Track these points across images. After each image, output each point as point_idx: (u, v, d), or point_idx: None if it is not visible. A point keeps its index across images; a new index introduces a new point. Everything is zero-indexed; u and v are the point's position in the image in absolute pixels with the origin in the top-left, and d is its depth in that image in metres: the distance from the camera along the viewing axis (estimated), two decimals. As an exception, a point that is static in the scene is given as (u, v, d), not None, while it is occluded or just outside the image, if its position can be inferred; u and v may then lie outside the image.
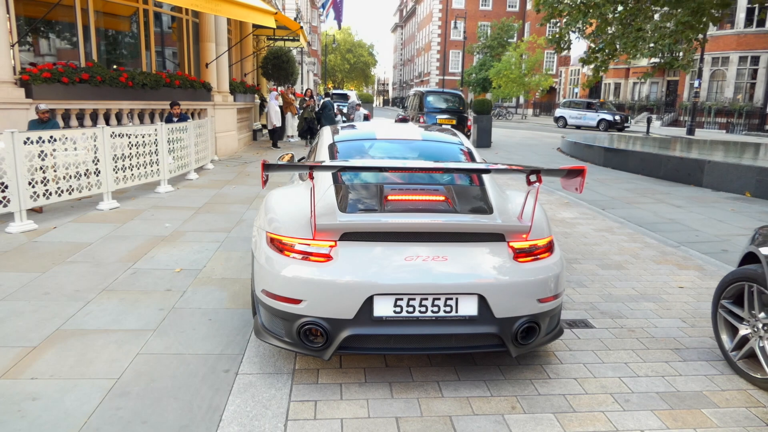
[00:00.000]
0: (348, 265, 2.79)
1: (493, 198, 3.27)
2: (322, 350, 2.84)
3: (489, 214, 3.08)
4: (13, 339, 3.32)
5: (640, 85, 38.27)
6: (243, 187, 8.93)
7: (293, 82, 18.25)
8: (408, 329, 2.81)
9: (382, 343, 2.86)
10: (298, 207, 3.13)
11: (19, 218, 5.72)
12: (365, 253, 2.84)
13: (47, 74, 8.01)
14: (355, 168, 3.21)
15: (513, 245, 2.99)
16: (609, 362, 3.36)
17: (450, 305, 2.82)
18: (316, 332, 2.84)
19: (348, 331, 2.77)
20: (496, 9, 55.74)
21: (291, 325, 2.84)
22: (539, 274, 2.96)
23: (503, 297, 2.86)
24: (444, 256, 2.86)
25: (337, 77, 77.26)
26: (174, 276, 4.55)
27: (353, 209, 3.04)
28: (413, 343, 2.88)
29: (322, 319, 2.77)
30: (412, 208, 3.09)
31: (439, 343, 2.89)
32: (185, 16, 12.21)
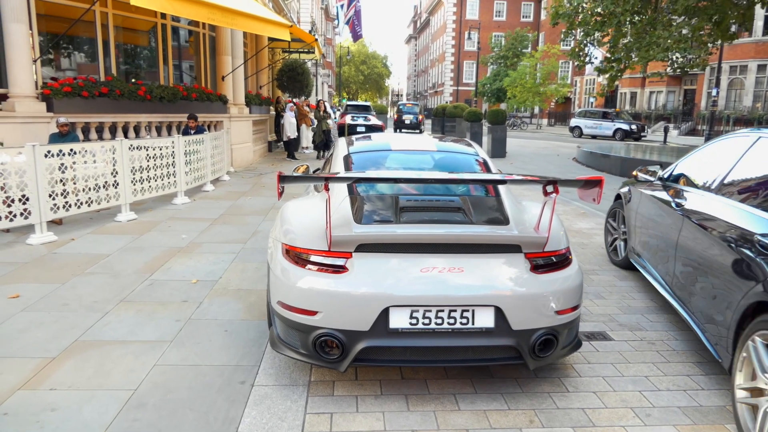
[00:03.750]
0: (364, 277, 2.78)
1: (510, 209, 3.25)
2: (337, 362, 2.83)
3: (505, 225, 3.06)
4: (32, 350, 3.36)
5: (656, 94, 37.93)
6: (259, 198, 9.00)
7: (308, 94, 18.41)
8: (424, 341, 2.79)
9: (398, 355, 2.85)
10: (313, 218, 3.14)
11: (40, 230, 5.82)
12: (381, 265, 2.83)
13: (68, 88, 8.18)
14: (370, 179, 3.20)
15: (530, 256, 2.96)
16: (629, 375, 3.30)
17: (466, 317, 2.79)
18: (331, 344, 2.82)
19: (364, 343, 2.76)
20: (510, 19, 55.82)
21: (307, 336, 2.84)
22: (557, 286, 2.92)
23: (520, 309, 2.82)
24: (460, 267, 2.84)
25: (351, 88, 77.79)
26: (190, 287, 4.58)
27: (368, 220, 3.03)
28: (429, 356, 2.86)
29: (337, 331, 2.76)
30: (427, 219, 3.08)
31: (456, 355, 2.87)
32: (202, 30, 12.41)
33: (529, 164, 16.15)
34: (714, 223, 3.39)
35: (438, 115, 29.70)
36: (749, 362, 2.63)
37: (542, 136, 32.03)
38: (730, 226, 3.18)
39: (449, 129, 26.95)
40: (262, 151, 15.76)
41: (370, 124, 22.03)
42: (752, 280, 2.73)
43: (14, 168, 5.59)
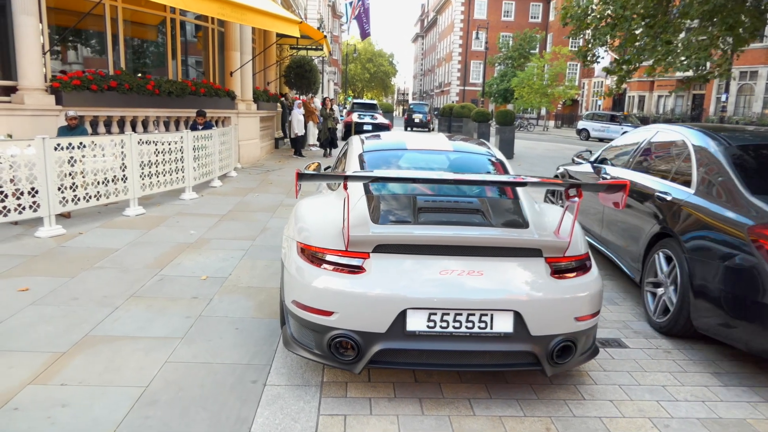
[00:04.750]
0: (381, 278, 2.74)
1: (528, 212, 3.20)
2: (352, 364, 2.79)
3: (525, 228, 3.00)
4: (43, 344, 3.32)
5: (665, 98, 37.75)
6: (266, 195, 8.96)
7: (315, 91, 18.36)
8: (441, 345, 2.75)
9: (414, 359, 2.81)
10: (328, 217, 3.10)
11: (48, 223, 5.79)
12: (399, 266, 2.79)
13: (77, 82, 8.15)
14: (391, 179, 3.15)
15: (550, 261, 2.91)
16: (645, 384, 3.25)
17: (485, 321, 2.75)
18: (346, 345, 2.78)
19: (380, 345, 2.72)
20: (518, 20, 55.62)
21: (321, 337, 2.79)
22: (577, 292, 2.87)
23: (540, 314, 2.78)
24: (479, 270, 2.79)
25: (357, 86, 77.72)
26: (200, 284, 4.55)
27: (386, 221, 2.98)
28: (446, 359, 2.81)
29: (353, 332, 2.72)
30: (445, 221, 3.03)
31: (473, 359, 2.82)
32: (211, 25, 12.38)
33: (537, 166, 16.07)
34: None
35: (445, 114, 29.63)
36: (653, 268, 4.28)
37: (549, 138, 31.92)
38: (638, 189, 4.71)
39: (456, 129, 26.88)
40: (269, 147, 15.73)
41: (377, 122, 21.97)
42: (654, 220, 4.36)
43: (24, 160, 5.57)
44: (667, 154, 4.85)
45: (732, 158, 3.97)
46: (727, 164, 3.92)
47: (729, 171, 3.86)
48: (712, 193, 3.91)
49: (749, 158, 4.07)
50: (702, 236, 3.74)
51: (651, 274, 4.29)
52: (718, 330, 3.52)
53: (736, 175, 3.79)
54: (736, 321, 3.37)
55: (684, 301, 3.74)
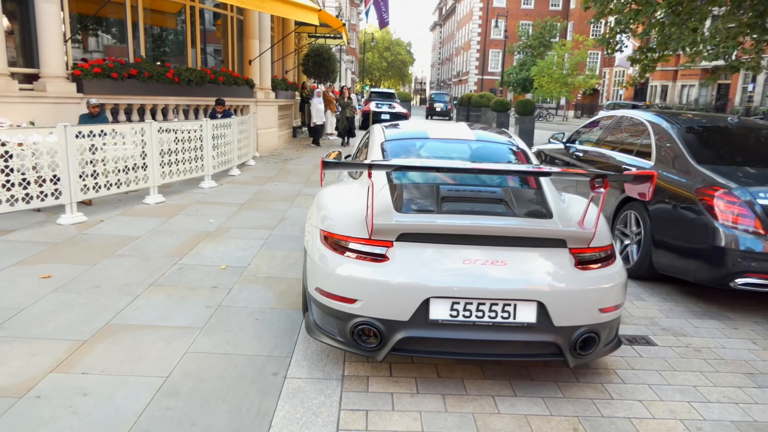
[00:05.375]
0: (405, 267, 2.74)
1: (552, 202, 3.17)
2: (375, 351, 2.80)
3: (549, 218, 2.98)
4: (65, 332, 3.33)
5: (688, 88, 36.89)
6: (284, 184, 8.94)
7: (333, 79, 18.26)
8: (464, 334, 2.76)
9: (436, 347, 2.81)
10: (351, 205, 3.12)
11: (70, 210, 5.82)
12: (422, 255, 2.79)
13: (98, 69, 8.18)
14: (417, 168, 3.12)
15: (575, 252, 2.88)
16: (676, 384, 3.14)
17: (508, 311, 2.74)
18: (369, 332, 2.79)
19: (403, 333, 2.73)
20: (538, 8, 54.68)
21: (345, 324, 2.81)
22: (601, 283, 2.85)
23: (563, 305, 2.76)
24: (503, 260, 2.78)
25: (374, 75, 77.36)
26: (220, 273, 4.53)
27: (409, 209, 2.97)
28: (468, 348, 2.82)
29: (376, 320, 2.73)
30: (468, 210, 3.00)
31: (495, 349, 2.84)
32: (230, 13, 12.33)
33: (556, 157, 15.83)
34: (595, 161, 6.07)
35: (463, 104, 29.35)
36: (624, 220, 5.04)
37: (569, 128, 31.43)
38: (606, 162, 5.72)
39: (474, 118, 26.63)
40: (287, 136, 15.72)
41: (395, 111, 21.79)
42: (619, 189, 5.10)
43: (45, 148, 5.59)
44: (630, 134, 5.77)
45: (683, 136, 4.96)
46: (679, 141, 4.90)
47: (680, 146, 4.84)
48: (668, 164, 4.88)
49: (696, 136, 5.05)
50: (660, 198, 4.63)
51: (621, 223, 5.17)
52: (673, 268, 4.47)
53: (686, 150, 4.77)
54: (687, 260, 4.38)
55: (647, 249, 4.67)
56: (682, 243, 4.38)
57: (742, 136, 5.26)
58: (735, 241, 4.02)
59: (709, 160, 4.62)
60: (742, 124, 5.38)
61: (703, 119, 5.56)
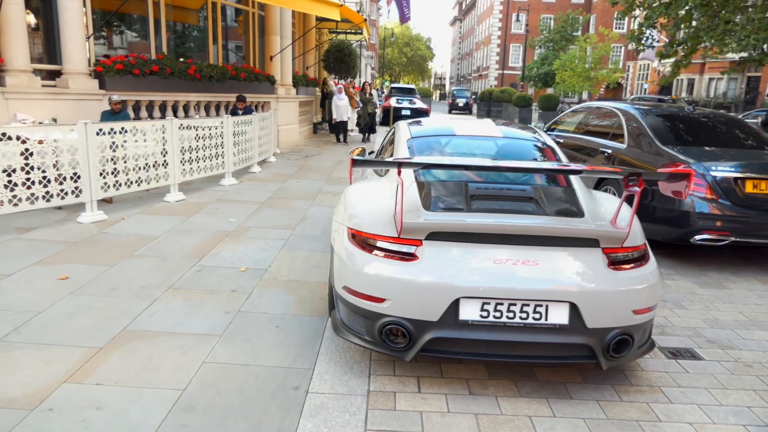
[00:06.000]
0: (435, 266, 2.69)
1: (583, 200, 3.09)
2: (403, 351, 2.75)
3: (580, 217, 2.91)
4: (80, 338, 3.21)
5: (716, 81, 35.82)
6: (305, 182, 8.80)
7: (354, 75, 18.08)
8: (494, 335, 2.70)
9: (465, 348, 2.76)
10: (378, 203, 3.05)
11: (90, 209, 5.75)
12: (452, 254, 2.73)
13: (120, 66, 8.13)
14: (447, 166, 3.04)
15: (608, 251, 2.81)
16: (728, 405, 2.90)
17: (539, 312, 2.68)
18: (397, 332, 2.75)
19: (432, 333, 2.67)
20: (560, 1, 53.63)
21: (373, 323, 2.77)
22: (635, 284, 2.78)
23: (597, 306, 2.69)
24: (534, 260, 2.72)
25: (394, 70, 76.98)
26: (239, 276, 4.39)
27: (437, 208, 2.90)
28: (498, 350, 2.76)
29: (405, 320, 2.69)
30: (498, 209, 2.94)
31: (526, 350, 2.76)
32: (252, 9, 12.22)
33: (582, 154, 15.44)
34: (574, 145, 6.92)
35: (484, 99, 29.00)
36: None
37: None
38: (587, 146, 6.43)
39: (495, 113, 26.27)
40: (308, 132, 15.60)
41: (416, 107, 21.57)
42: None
43: (66, 145, 5.52)
44: (605, 122, 6.67)
45: (649, 123, 5.85)
46: (647, 126, 5.81)
47: (648, 131, 5.75)
48: (638, 146, 5.79)
49: (659, 122, 5.91)
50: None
51: None
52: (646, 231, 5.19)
53: (653, 133, 5.69)
54: (657, 224, 5.19)
55: None
56: (652, 210, 5.22)
57: (696, 122, 6.10)
58: (692, 206, 4.92)
59: (671, 141, 5.58)
60: (696, 113, 6.27)
61: (664, 109, 6.43)
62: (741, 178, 4.94)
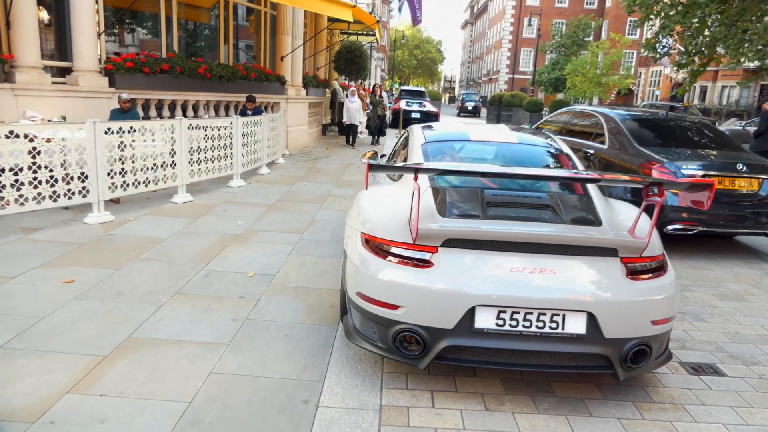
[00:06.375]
0: (451, 273, 2.65)
1: (600, 208, 3.05)
2: (417, 359, 2.71)
3: (598, 226, 2.88)
4: (84, 345, 3.13)
5: (729, 89, 35.46)
6: (314, 184, 8.71)
7: (364, 77, 18.01)
8: (509, 343, 2.65)
9: (480, 356, 2.72)
10: (392, 208, 3.01)
11: (97, 209, 5.69)
12: (468, 262, 2.69)
13: (130, 64, 8.08)
14: (465, 173, 2.96)
15: (626, 261, 2.77)
16: (755, 425, 2.77)
17: (556, 321, 2.64)
18: (411, 339, 2.70)
19: (447, 341, 2.64)
20: (572, 6, 53.36)
21: (386, 330, 2.73)
22: (654, 294, 2.74)
23: (615, 316, 2.65)
24: (552, 269, 2.68)
25: (404, 73, 76.88)
26: (247, 281, 4.30)
27: (453, 214, 2.87)
28: (514, 359, 2.72)
29: (420, 327, 2.65)
30: (514, 216, 2.90)
31: (542, 360, 2.72)
32: (264, 8, 12.17)
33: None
34: None
35: (494, 103, 28.86)
36: None
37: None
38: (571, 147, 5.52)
39: (505, 118, 26.13)
40: (317, 134, 15.53)
41: (425, 110, 21.46)
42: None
43: (74, 144, 5.46)
44: (587, 125, 7.17)
45: (627, 126, 6.39)
46: (625, 129, 6.34)
47: (626, 133, 6.28)
48: (617, 146, 6.27)
49: (638, 125, 6.44)
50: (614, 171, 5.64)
51: None
52: None
53: (631, 135, 6.22)
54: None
55: None
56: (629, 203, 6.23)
57: (668, 125, 6.59)
58: (666, 200, 5.08)
59: (647, 142, 6.10)
60: (669, 117, 6.79)
61: (640, 113, 6.99)
62: (708, 175, 5.55)
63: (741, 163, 5.67)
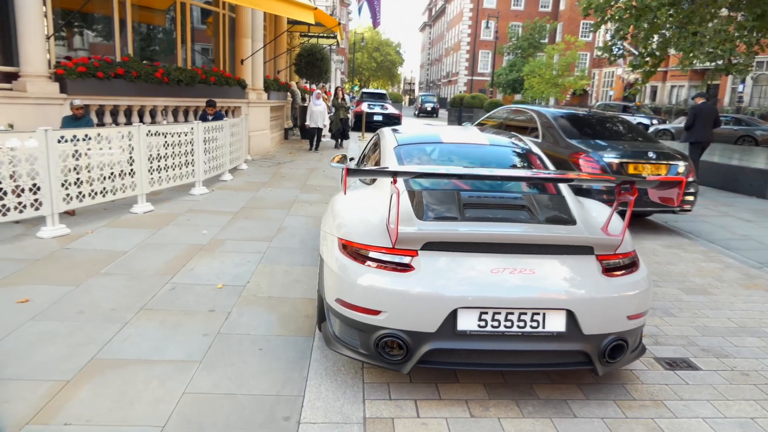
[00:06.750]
0: (432, 276, 2.64)
1: (573, 207, 3.11)
2: (401, 364, 2.69)
3: (573, 225, 2.95)
4: (45, 370, 2.92)
5: (678, 88, 36.97)
6: (279, 190, 8.53)
7: (326, 80, 17.85)
8: (492, 344, 2.67)
9: (463, 358, 2.72)
10: (368, 212, 3.00)
11: (51, 222, 5.38)
12: (449, 264, 2.69)
13: (82, 68, 7.72)
14: (444, 175, 3.00)
15: (602, 258, 2.83)
16: (732, 417, 2.83)
17: (537, 320, 2.67)
18: (393, 344, 2.68)
19: (430, 344, 2.63)
20: (528, 9, 54.59)
21: (368, 336, 2.70)
22: (629, 290, 2.81)
23: (593, 313, 2.71)
24: (531, 269, 2.70)
25: (363, 75, 76.87)
26: (216, 293, 4.13)
27: (431, 217, 2.87)
28: (496, 359, 2.75)
29: (402, 332, 2.63)
30: (491, 217, 2.94)
31: (523, 359, 2.76)
32: (222, 10, 11.88)
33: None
34: None
35: (455, 105, 29.17)
36: None
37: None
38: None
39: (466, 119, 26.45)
40: (279, 138, 15.29)
41: (388, 112, 21.48)
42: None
43: (24, 154, 5.14)
44: (523, 120, 7.88)
45: (557, 122, 7.20)
46: (556, 124, 7.14)
47: (557, 128, 7.07)
48: (550, 140, 6.94)
49: (566, 121, 7.27)
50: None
51: None
52: None
53: (561, 130, 7.02)
54: None
55: None
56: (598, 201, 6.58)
57: (592, 121, 7.57)
58: (591, 185, 6.01)
59: (574, 136, 6.91)
60: (591, 114, 7.87)
61: (567, 111, 7.92)
62: (624, 163, 6.42)
63: (651, 152, 6.64)
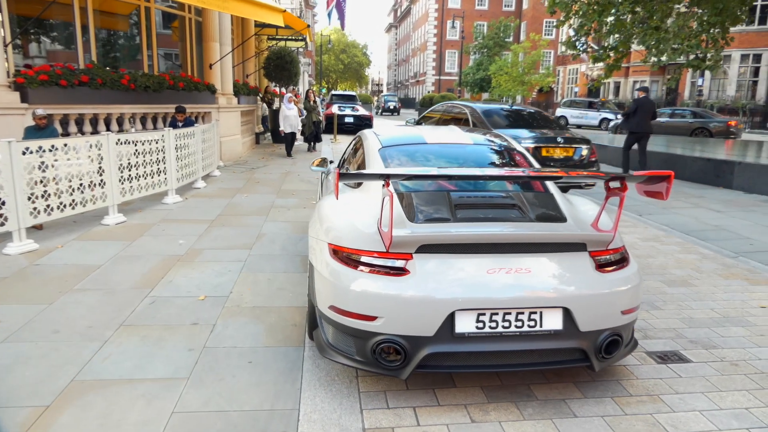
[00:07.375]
0: (428, 280, 2.60)
1: (562, 205, 3.14)
2: (399, 369, 2.65)
3: (563, 222, 2.94)
4: (21, 395, 2.75)
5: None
6: (255, 195, 8.36)
7: (295, 83, 17.67)
8: (490, 346, 2.65)
9: (462, 361, 2.70)
10: (356, 216, 2.95)
11: (18, 238, 5.13)
12: (445, 267, 2.65)
13: (44, 77, 7.42)
14: (435, 176, 2.95)
15: (594, 255, 2.84)
16: (727, 408, 2.85)
17: (534, 319, 2.66)
18: (390, 350, 2.63)
19: (428, 349, 2.59)
20: (492, 8, 55.29)
21: (364, 343, 2.65)
22: (622, 285, 2.83)
23: (589, 309, 2.71)
24: (527, 268, 2.69)
25: (331, 78, 76.56)
26: (198, 305, 3.99)
27: (423, 219, 2.83)
28: (495, 360, 2.73)
29: (400, 337, 2.59)
30: (483, 217, 2.93)
31: (522, 359, 2.75)
32: (188, 14, 11.61)
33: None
34: None
35: (425, 105, 29.28)
36: None
37: (529, 127, 31.68)
38: None
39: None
40: (250, 143, 15.04)
41: (359, 114, 21.39)
42: None
43: (-13, 167, 4.89)
44: (457, 113, 8.76)
45: (485, 114, 8.16)
46: (483, 117, 8.08)
47: (484, 120, 8.00)
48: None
49: (492, 114, 8.29)
50: None
51: None
52: None
53: (487, 121, 7.96)
54: None
55: None
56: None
57: (513, 113, 8.82)
58: None
59: (498, 126, 7.82)
60: (513, 108, 9.16)
61: (493, 105, 9.06)
62: (538, 147, 7.47)
63: (560, 137, 7.83)
